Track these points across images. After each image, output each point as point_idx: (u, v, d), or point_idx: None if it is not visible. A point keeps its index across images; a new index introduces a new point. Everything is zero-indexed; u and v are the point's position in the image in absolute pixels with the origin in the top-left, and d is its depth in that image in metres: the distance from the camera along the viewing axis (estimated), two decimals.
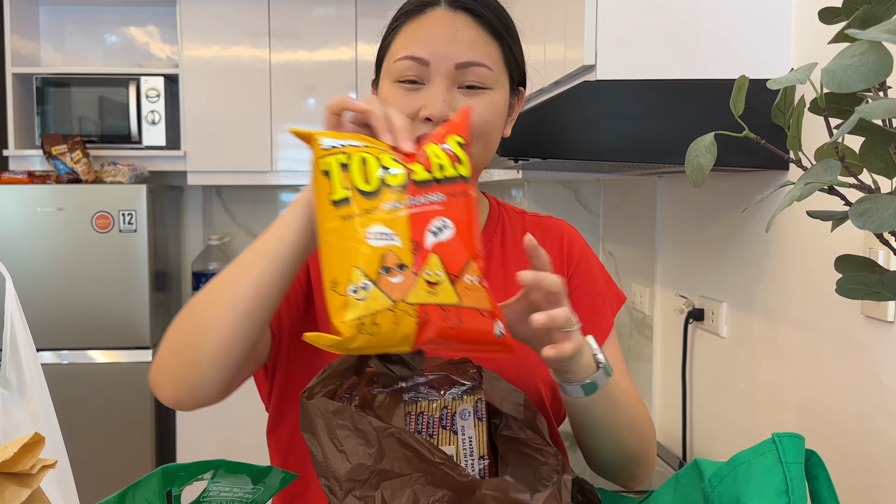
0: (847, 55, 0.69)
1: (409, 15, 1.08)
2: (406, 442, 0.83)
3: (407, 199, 0.81)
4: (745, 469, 0.83)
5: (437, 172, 0.83)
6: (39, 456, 0.70)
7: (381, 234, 0.79)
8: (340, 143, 0.83)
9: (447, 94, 1.03)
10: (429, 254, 0.80)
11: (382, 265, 0.78)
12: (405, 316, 0.78)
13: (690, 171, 0.85)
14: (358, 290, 0.77)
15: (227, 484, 0.74)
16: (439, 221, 0.81)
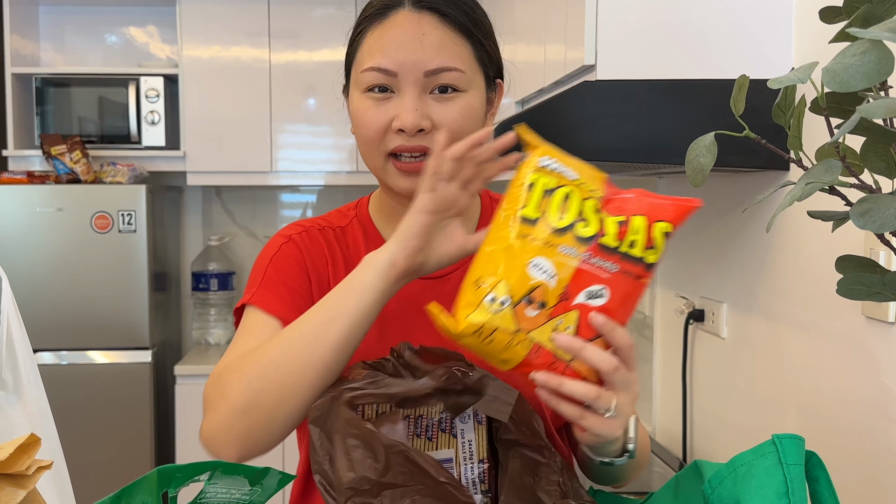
0: (848, 54, 0.69)
1: (372, 19, 1.04)
2: (412, 459, 0.83)
3: (584, 253, 0.83)
4: (745, 471, 0.82)
5: (625, 247, 0.84)
6: (35, 457, 0.70)
7: (544, 269, 0.82)
8: (557, 167, 0.85)
9: (419, 102, 1.01)
10: (572, 308, 0.82)
11: (528, 294, 0.81)
12: (520, 346, 0.81)
13: (691, 171, 0.85)
14: (495, 301, 0.81)
15: (225, 485, 0.73)
16: (599, 288, 0.83)
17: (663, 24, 1.60)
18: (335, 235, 1.14)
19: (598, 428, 0.86)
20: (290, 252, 1.11)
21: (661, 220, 0.85)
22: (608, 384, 0.85)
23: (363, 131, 1.04)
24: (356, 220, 1.16)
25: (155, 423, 3.56)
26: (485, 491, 0.96)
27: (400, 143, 1.02)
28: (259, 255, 1.14)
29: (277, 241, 1.13)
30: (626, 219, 0.85)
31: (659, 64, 1.59)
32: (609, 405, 0.85)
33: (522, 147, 0.90)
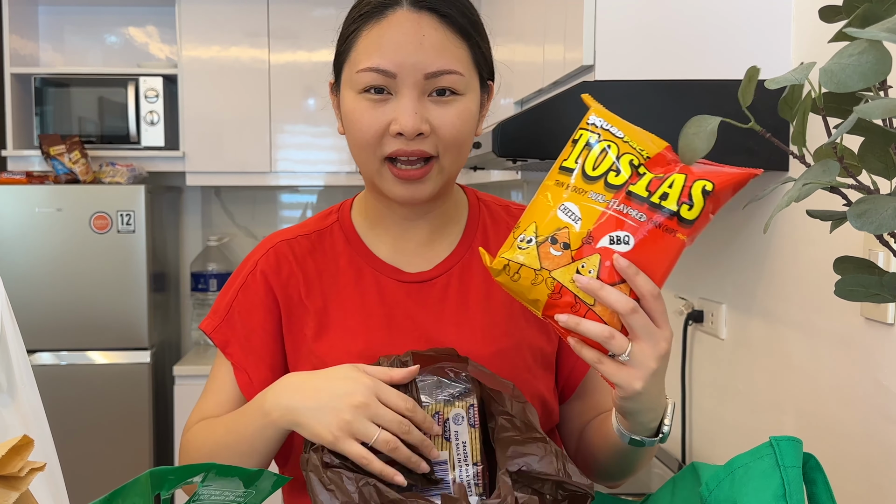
0: (845, 54, 0.68)
1: (368, 17, 1.00)
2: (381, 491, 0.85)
3: (612, 200, 0.85)
4: (742, 473, 0.82)
5: (656, 197, 0.84)
6: (29, 458, 0.69)
7: (571, 211, 0.85)
8: (605, 125, 0.88)
9: (418, 105, 0.98)
10: (594, 252, 0.84)
11: (553, 234, 0.85)
12: (543, 284, 0.84)
13: (683, 146, 0.82)
14: (524, 240, 0.86)
15: (218, 487, 0.73)
16: (623, 234, 0.84)
17: (662, 24, 1.59)
18: (310, 242, 1.12)
19: (615, 375, 0.86)
20: (253, 285, 1.10)
21: (701, 179, 0.85)
22: (627, 327, 0.84)
23: (358, 134, 1.01)
24: (337, 225, 1.14)
25: (154, 424, 3.56)
26: (479, 493, 0.95)
27: (398, 147, 0.99)
28: (234, 272, 1.14)
29: (247, 268, 1.12)
30: (665, 174, 0.85)
31: (658, 64, 1.59)
32: (623, 348, 0.84)
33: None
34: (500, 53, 2.86)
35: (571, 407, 1.17)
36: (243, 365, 1.07)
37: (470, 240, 1.13)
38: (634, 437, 0.95)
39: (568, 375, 1.15)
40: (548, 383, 1.11)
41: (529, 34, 2.23)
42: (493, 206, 1.18)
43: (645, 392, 0.87)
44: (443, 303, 1.08)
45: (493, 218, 1.16)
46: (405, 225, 1.10)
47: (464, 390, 0.97)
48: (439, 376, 0.97)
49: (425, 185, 1.02)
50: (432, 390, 0.96)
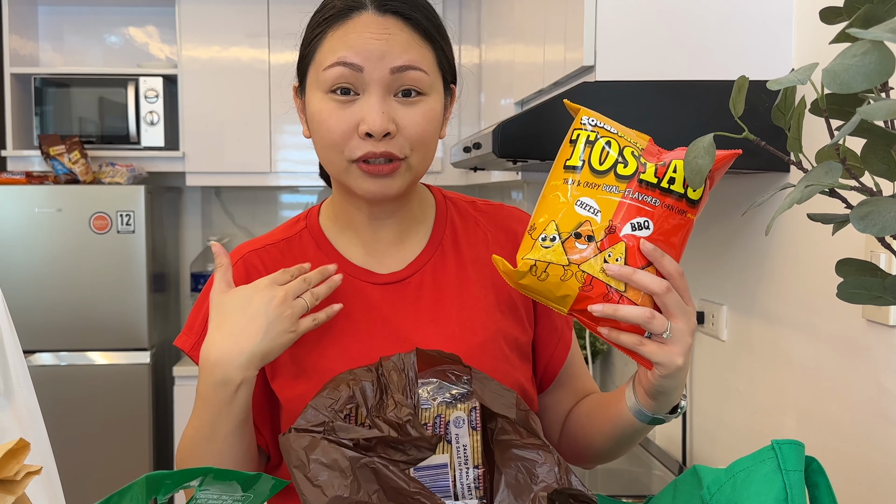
0: (849, 55, 0.68)
1: (333, 20, 1.01)
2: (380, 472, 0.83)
3: (626, 190, 0.89)
4: (743, 476, 0.81)
5: (665, 182, 0.89)
6: (25, 462, 0.69)
7: (589, 205, 0.88)
8: (598, 123, 0.92)
9: (384, 104, 0.99)
10: (619, 240, 0.87)
11: (576, 230, 0.88)
12: (573, 279, 0.87)
13: (689, 173, 0.84)
14: (546, 239, 0.88)
15: (216, 491, 0.72)
16: (643, 220, 0.88)
17: (663, 24, 1.59)
18: (279, 250, 1.12)
19: (658, 354, 0.89)
20: None
21: None
22: (662, 307, 0.89)
23: (326, 135, 1.01)
24: (306, 231, 1.13)
25: (153, 425, 3.55)
26: (480, 497, 0.95)
27: (367, 149, 0.99)
28: (203, 289, 1.13)
29: None
30: (665, 162, 0.90)
31: (659, 65, 1.58)
32: (664, 326, 0.88)
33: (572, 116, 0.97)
34: (500, 54, 2.86)
35: (551, 396, 1.19)
36: None
37: (440, 237, 1.13)
38: (657, 415, 0.99)
39: (546, 365, 1.16)
40: (526, 373, 1.13)
41: (530, 34, 2.22)
42: (460, 202, 1.19)
43: (684, 367, 0.92)
44: (418, 301, 1.09)
45: (461, 214, 1.17)
46: (374, 225, 1.10)
47: (465, 393, 0.96)
48: (441, 379, 0.96)
49: (394, 181, 1.02)
50: (434, 393, 0.96)
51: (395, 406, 0.89)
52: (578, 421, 1.15)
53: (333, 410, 0.89)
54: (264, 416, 1.09)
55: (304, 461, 0.83)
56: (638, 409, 0.99)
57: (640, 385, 0.98)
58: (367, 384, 0.92)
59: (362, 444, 0.86)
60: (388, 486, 0.83)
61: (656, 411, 0.98)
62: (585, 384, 1.20)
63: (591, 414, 1.12)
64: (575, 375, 1.19)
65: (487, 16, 3.03)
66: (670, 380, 0.92)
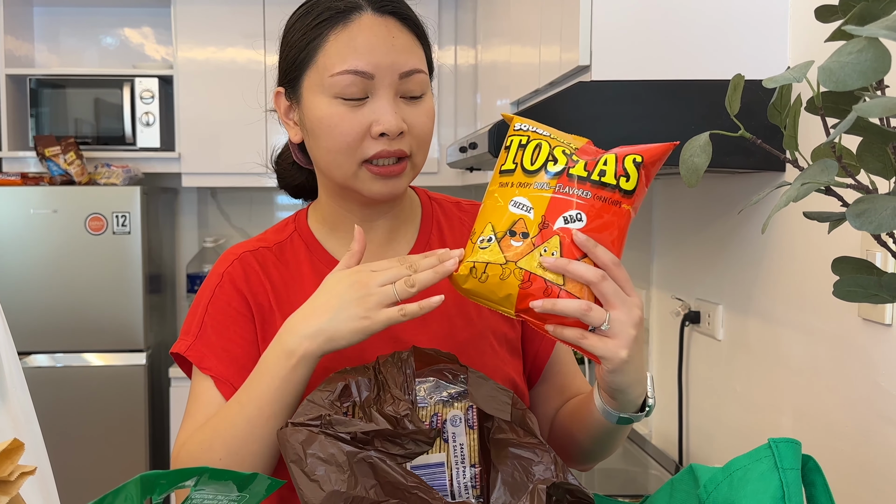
0: (844, 52, 0.68)
1: (332, 22, 1.02)
2: (377, 467, 0.82)
3: (556, 185, 0.90)
4: (740, 475, 0.81)
5: (595, 175, 0.90)
6: (19, 462, 0.69)
7: (522, 204, 0.90)
8: (529, 128, 0.94)
9: (395, 105, 1.01)
10: (553, 234, 0.88)
11: (510, 228, 0.89)
12: (512, 276, 0.88)
13: (685, 171, 0.84)
14: (483, 241, 0.90)
15: (212, 491, 0.72)
16: (575, 213, 0.89)
17: (658, 24, 1.59)
18: (273, 254, 1.12)
19: (600, 347, 0.88)
20: (223, 296, 1.09)
21: (630, 154, 0.91)
22: (601, 297, 0.88)
23: (339, 139, 1.01)
24: (296, 234, 1.14)
25: (149, 426, 3.55)
26: (477, 495, 0.95)
27: (381, 147, 1.00)
28: (198, 292, 1.13)
29: (213, 282, 1.11)
30: (597, 157, 0.91)
31: (654, 64, 1.58)
32: (602, 318, 0.87)
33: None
34: (496, 54, 2.87)
35: (538, 392, 1.19)
36: (224, 376, 1.05)
37: (426, 237, 1.14)
38: (622, 415, 0.98)
39: (533, 359, 1.17)
40: (517, 368, 1.13)
41: (526, 35, 2.23)
42: (445, 203, 1.20)
43: (630, 360, 0.90)
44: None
45: (446, 215, 1.18)
46: (364, 227, 1.10)
47: (462, 392, 0.96)
48: (437, 378, 0.96)
49: (401, 181, 1.04)
50: (431, 391, 0.96)
51: (393, 401, 0.89)
52: (563, 421, 1.16)
53: (330, 402, 0.89)
54: None
55: (302, 456, 0.83)
56: (604, 409, 0.99)
57: (599, 384, 0.97)
58: (364, 380, 0.92)
59: (360, 438, 0.85)
60: (386, 481, 0.83)
61: (621, 410, 0.97)
62: (574, 382, 1.20)
63: (573, 414, 1.13)
64: (561, 372, 1.19)
65: (483, 16, 3.03)
66: (620, 375, 0.91)
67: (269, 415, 0.95)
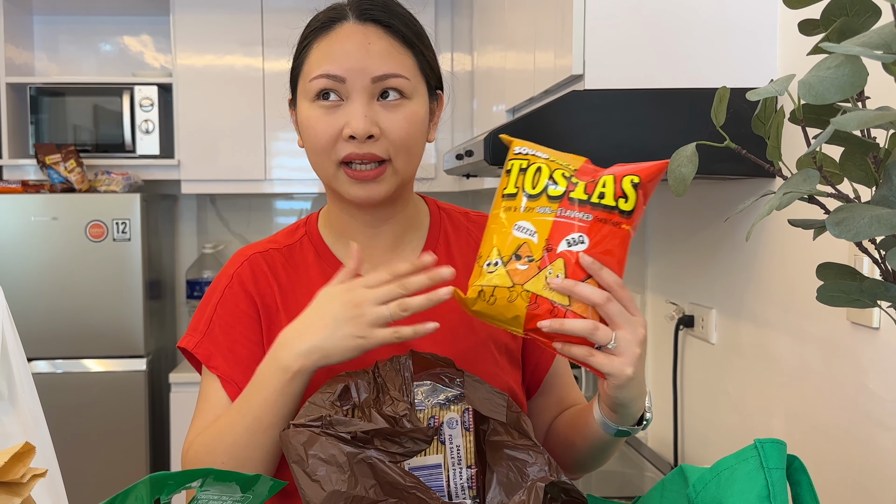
0: (823, 67, 0.71)
1: (318, 32, 1.07)
2: (377, 467, 0.85)
3: (558, 209, 0.93)
4: (727, 475, 0.84)
5: (595, 198, 0.92)
6: (30, 465, 0.71)
7: (525, 228, 0.93)
8: (529, 151, 0.97)
9: (368, 109, 1.03)
10: (557, 257, 0.91)
11: (515, 252, 0.92)
12: (519, 299, 0.90)
13: (673, 181, 0.86)
14: (490, 265, 0.92)
15: (217, 492, 0.74)
16: (577, 235, 0.92)
17: (651, 33, 1.62)
18: (282, 256, 1.14)
19: (607, 365, 0.91)
20: (232, 297, 1.12)
21: (628, 175, 0.93)
22: (606, 317, 0.90)
23: (314, 140, 1.06)
24: (306, 238, 1.16)
25: (150, 432, 3.56)
26: (473, 496, 0.97)
27: (351, 150, 1.03)
28: (208, 289, 1.16)
29: (222, 282, 1.14)
30: (595, 179, 0.93)
31: (647, 73, 1.61)
32: (608, 337, 0.90)
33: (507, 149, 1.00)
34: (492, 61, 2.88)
35: (536, 403, 1.22)
36: (230, 376, 1.08)
37: (433, 246, 1.16)
38: (621, 427, 1.01)
39: (533, 371, 1.19)
40: (516, 377, 1.15)
41: (521, 43, 2.25)
42: (454, 213, 1.22)
43: (635, 377, 0.92)
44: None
45: (454, 225, 1.20)
46: (369, 233, 1.13)
47: (458, 395, 0.98)
48: (435, 381, 0.99)
49: (380, 186, 1.06)
50: (428, 395, 0.98)
51: (392, 402, 0.91)
52: (559, 431, 1.18)
53: (331, 403, 0.92)
54: None
55: (303, 456, 0.85)
56: (603, 421, 1.02)
57: (601, 398, 1.00)
58: (363, 382, 0.95)
59: (359, 437, 0.88)
60: (385, 481, 0.86)
61: (620, 424, 1.00)
62: (570, 393, 1.23)
63: (570, 424, 1.15)
64: (560, 384, 1.22)
65: (479, 23, 3.06)
66: (624, 391, 0.94)
67: (268, 425, 0.98)
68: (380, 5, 1.07)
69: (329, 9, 1.09)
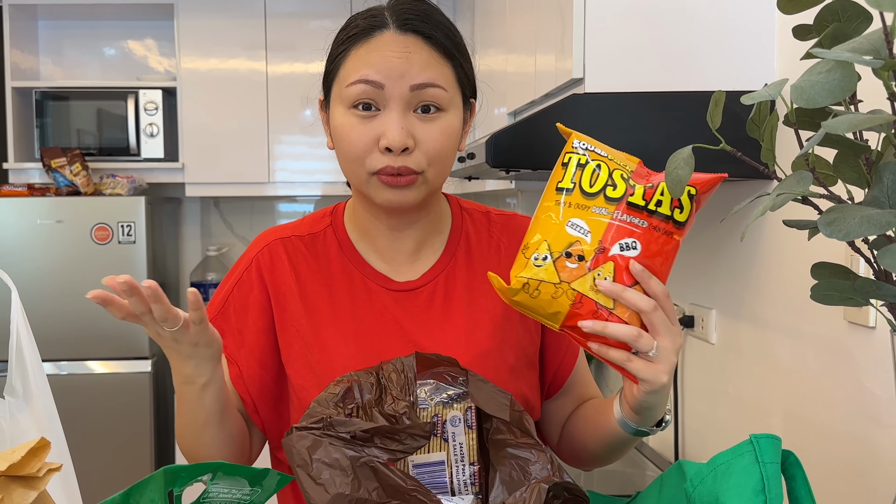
0: (814, 72, 0.73)
1: (356, 38, 1.06)
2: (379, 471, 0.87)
3: (615, 212, 0.92)
4: (724, 469, 0.86)
5: (652, 205, 0.92)
6: (45, 460, 0.73)
7: (579, 226, 0.92)
8: (588, 146, 0.95)
9: (404, 120, 1.03)
10: (608, 259, 0.91)
11: (566, 249, 0.91)
12: (564, 296, 0.90)
13: (670, 183, 0.88)
14: (538, 258, 0.91)
15: (226, 485, 0.77)
16: (631, 241, 0.91)
17: (650, 37, 1.63)
18: (304, 244, 1.16)
19: (644, 371, 0.92)
20: (248, 282, 1.15)
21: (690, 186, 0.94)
22: (649, 325, 0.91)
23: (348, 148, 1.06)
24: (331, 230, 1.18)
25: (155, 433, 3.58)
26: (476, 492, 0.99)
27: (386, 163, 1.03)
28: (231, 269, 1.19)
29: (242, 265, 1.17)
30: (654, 184, 0.93)
31: (647, 76, 1.63)
32: (651, 345, 0.91)
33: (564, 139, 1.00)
34: (493, 63, 2.89)
35: (556, 402, 1.23)
36: (235, 357, 1.12)
37: (454, 248, 1.18)
38: (642, 428, 1.02)
39: (555, 373, 1.20)
40: (531, 381, 1.16)
41: (521, 46, 2.27)
42: (475, 213, 1.23)
43: (668, 384, 0.94)
44: (428, 310, 1.13)
45: (476, 226, 1.21)
46: (392, 235, 1.14)
47: (462, 393, 1.00)
48: (438, 380, 1.01)
49: (411, 192, 1.06)
50: (431, 393, 1.00)
51: (394, 401, 0.93)
52: (576, 425, 1.19)
53: (334, 404, 0.94)
54: (266, 398, 1.13)
55: (308, 460, 0.88)
56: (623, 421, 1.03)
57: (625, 400, 1.00)
58: (367, 383, 0.97)
59: (360, 436, 0.90)
60: (387, 484, 0.88)
61: (640, 424, 1.01)
62: (589, 391, 1.24)
63: (587, 420, 1.16)
64: (580, 382, 1.23)
65: (480, 27, 3.08)
66: (654, 396, 0.95)
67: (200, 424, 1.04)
68: (421, 15, 1.07)
69: (369, 15, 1.08)
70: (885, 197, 0.76)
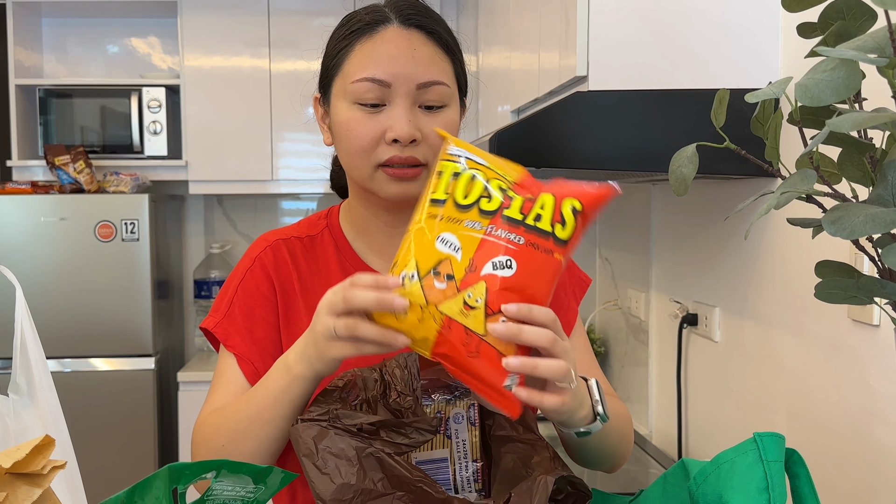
0: (819, 70, 0.73)
1: (360, 33, 1.07)
2: (384, 461, 0.87)
3: (489, 226, 0.84)
4: (727, 467, 0.86)
5: (530, 219, 0.84)
6: (50, 457, 0.73)
7: (450, 242, 0.84)
8: (465, 154, 0.88)
9: (410, 113, 1.04)
10: (479, 280, 0.82)
11: (434, 268, 0.83)
12: (430, 320, 0.81)
13: (674, 181, 0.88)
14: (405, 277, 0.82)
15: (230, 483, 0.77)
16: (505, 259, 0.83)
17: (654, 35, 1.63)
18: (303, 245, 1.17)
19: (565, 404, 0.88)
20: (253, 280, 1.14)
21: (569, 198, 0.85)
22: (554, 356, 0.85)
23: (354, 142, 1.06)
24: (327, 231, 1.18)
25: (158, 430, 3.59)
26: (479, 489, 0.99)
27: (393, 154, 1.05)
28: (231, 272, 1.18)
29: (245, 265, 1.16)
30: (534, 196, 0.85)
31: (650, 74, 1.63)
32: (573, 377, 0.87)
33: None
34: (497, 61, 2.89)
35: None
36: (247, 356, 1.11)
37: None
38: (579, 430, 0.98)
39: None
40: None
41: (525, 43, 2.27)
42: None
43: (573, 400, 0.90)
44: None
45: None
46: (389, 232, 1.15)
47: (465, 391, 1.01)
48: (441, 378, 1.01)
49: (415, 185, 1.07)
50: (434, 390, 1.00)
51: (398, 396, 0.94)
52: None
53: (339, 398, 0.94)
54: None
55: (314, 450, 0.88)
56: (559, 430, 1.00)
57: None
58: (371, 379, 0.97)
59: (366, 429, 0.90)
60: (392, 475, 0.88)
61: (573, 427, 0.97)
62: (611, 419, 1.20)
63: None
64: None
65: (484, 24, 3.08)
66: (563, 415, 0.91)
67: (267, 419, 0.98)
68: (421, 11, 1.08)
69: (370, 10, 1.09)
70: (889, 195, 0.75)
